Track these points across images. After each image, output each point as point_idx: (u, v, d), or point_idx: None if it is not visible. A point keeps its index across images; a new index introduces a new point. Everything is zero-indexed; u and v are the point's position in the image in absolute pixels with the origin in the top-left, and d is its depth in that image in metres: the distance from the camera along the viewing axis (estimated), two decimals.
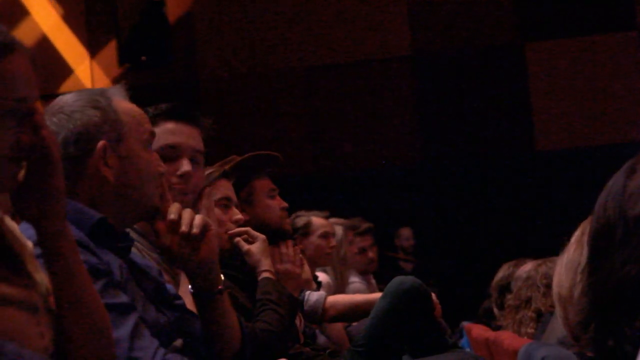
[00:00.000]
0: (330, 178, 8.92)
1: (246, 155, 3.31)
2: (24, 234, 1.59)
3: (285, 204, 3.42)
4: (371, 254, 6.48)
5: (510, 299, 4.30)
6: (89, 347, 1.56)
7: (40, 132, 1.50)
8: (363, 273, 6.34)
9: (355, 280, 6.26)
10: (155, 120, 2.39)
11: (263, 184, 3.35)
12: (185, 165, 2.42)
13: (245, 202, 3.30)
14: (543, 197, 8.84)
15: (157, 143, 2.35)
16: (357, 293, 5.86)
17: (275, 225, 3.26)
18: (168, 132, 2.42)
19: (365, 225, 6.57)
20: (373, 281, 6.50)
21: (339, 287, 5.36)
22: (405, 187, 9.05)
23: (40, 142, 1.50)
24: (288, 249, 3.15)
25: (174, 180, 2.39)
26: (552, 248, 2.21)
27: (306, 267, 3.52)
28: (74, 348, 1.54)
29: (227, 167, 3.22)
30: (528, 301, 4.08)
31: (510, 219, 8.76)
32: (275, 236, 3.12)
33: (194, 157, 2.47)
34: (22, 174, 1.51)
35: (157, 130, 2.35)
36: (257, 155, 3.30)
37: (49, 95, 2.37)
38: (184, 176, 2.42)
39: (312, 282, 3.62)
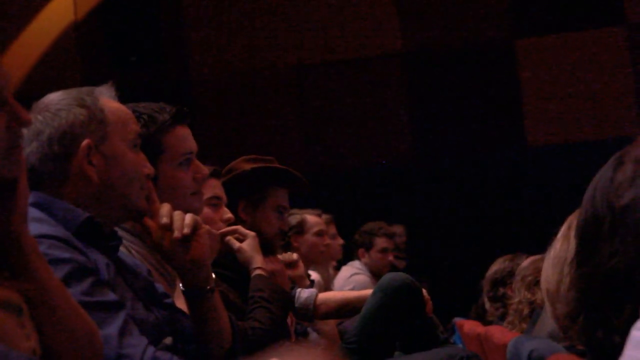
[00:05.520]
0: (322, 175, 8.92)
1: (283, 167, 3.29)
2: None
3: (285, 228, 3.40)
4: (390, 257, 6.51)
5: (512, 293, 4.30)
6: (71, 354, 1.53)
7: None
8: (376, 274, 6.26)
9: (358, 271, 6.27)
10: (171, 125, 2.36)
11: (278, 198, 3.30)
12: (205, 169, 2.41)
13: (252, 205, 3.27)
14: (535, 192, 8.85)
15: (179, 150, 2.34)
16: (362, 284, 5.88)
17: (267, 240, 3.23)
18: (185, 138, 2.38)
19: (391, 230, 6.68)
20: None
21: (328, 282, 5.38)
22: (397, 183, 9.06)
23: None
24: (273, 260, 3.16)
25: (194, 186, 2.36)
26: (545, 243, 2.21)
27: (300, 264, 3.54)
28: (57, 356, 1.52)
29: (256, 165, 3.22)
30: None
31: (502, 214, 8.77)
32: (262, 249, 3.09)
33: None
34: None
35: (175, 135, 2.33)
36: (289, 171, 3.29)
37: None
38: (204, 179, 2.41)
39: (306, 278, 3.63)
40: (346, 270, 6.35)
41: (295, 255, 3.52)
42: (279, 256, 3.49)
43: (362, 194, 8.89)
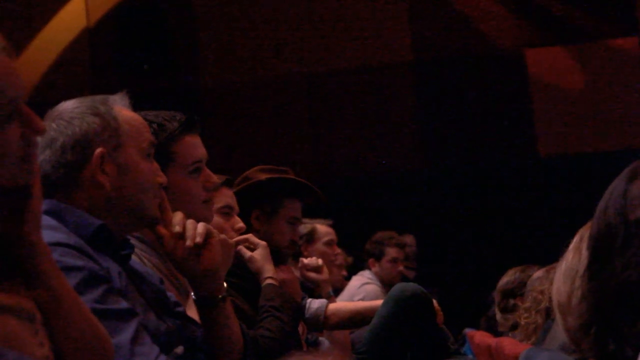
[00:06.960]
0: (331, 183, 8.92)
1: (299, 179, 3.30)
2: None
3: (297, 239, 3.42)
4: (401, 267, 6.52)
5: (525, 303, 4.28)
6: None
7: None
8: (386, 284, 6.26)
9: (368, 280, 6.27)
10: (181, 133, 2.36)
11: (291, 209, 3.32)
12: (215, 177, 2.42)
13: (265, 215, 3.28)
14: (546, 203, 8.82)
15: (189, 158, 2.34)
16: (373, 294, 5.88)
17: (278, 250, 3.24)
18: (195, 146, 2.39)
19: (402, 239, 6.69)
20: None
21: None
22: (407, 193, 9.05)
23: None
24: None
25: (204, 195, 2.37)
26: (556, 254, 2.20)
27: (325, 269, 3.57)
28: None
29: (272, 175, 3.23)
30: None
31: (513, 225, 8.75)
32: (273, 258, 3.10)
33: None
34: None
35: (185, 144, 2.34)
36: (304, 184, 3.29)
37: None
38: (214, 187, 2.42)
39: (329, 284, 3.65)
40: (356, 280, 6.35)
41: (320, 261, 3.59)
42: (305, 260, 3.52)
43: (371, 203, 8.88)
